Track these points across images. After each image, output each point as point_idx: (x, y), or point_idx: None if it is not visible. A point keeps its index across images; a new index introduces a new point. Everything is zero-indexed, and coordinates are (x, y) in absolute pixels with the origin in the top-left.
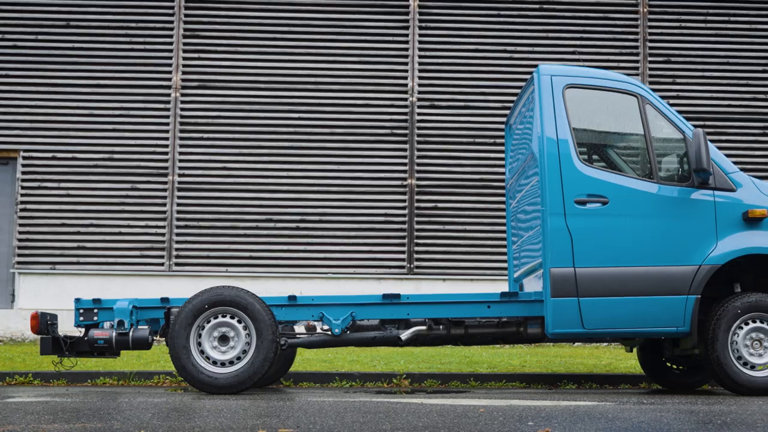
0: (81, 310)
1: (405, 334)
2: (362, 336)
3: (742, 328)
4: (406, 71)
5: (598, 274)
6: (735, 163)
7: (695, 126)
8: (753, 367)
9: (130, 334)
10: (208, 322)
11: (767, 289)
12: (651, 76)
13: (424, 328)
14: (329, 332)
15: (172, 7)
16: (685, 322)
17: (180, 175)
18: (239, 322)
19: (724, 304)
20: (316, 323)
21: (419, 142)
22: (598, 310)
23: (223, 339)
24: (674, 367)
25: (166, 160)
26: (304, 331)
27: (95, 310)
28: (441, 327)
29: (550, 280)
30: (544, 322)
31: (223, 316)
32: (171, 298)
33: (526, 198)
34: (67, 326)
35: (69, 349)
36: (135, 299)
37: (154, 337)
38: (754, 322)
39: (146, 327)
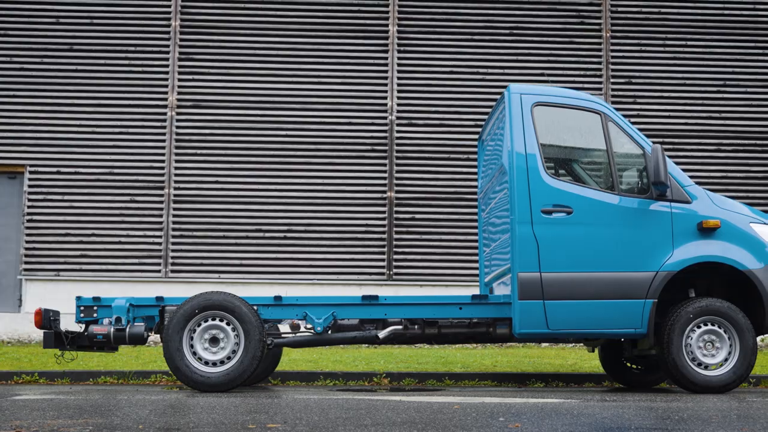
0: (82, 308)
1: (382, 333)
2: (343, 335)
3: (695, 331)
4: (386, 92)
5: (562, 278)
6: (691, 177)
7: (654, 142)
8: (706, 367)
9: (127, 330)
10: (199, 325)
11: (720, 293)
12: (613, 96)
13: (400, 327)
14: (312, 331)
15: (168, 32)
16: (642, 324)
17: (175, 188)
18: (228, 324)
19: (677, 309)
20: (300, 322)
21: (398, 158)
22: (562, 312)
23: (214, 340)
24: (633, 366)
25: (162, 175)
26: (289, 331)
27: (95, 308)
28: (416, 327)
29: (517, 283)
30: (511, 323)
31: (213, 320)
32: (165, 297)
33: (496, 208)
34: (70, 328)
35: (70, 343)
36: (132, 298)
37: (149, 333)
38: (706, 325)
39: (142, 324)
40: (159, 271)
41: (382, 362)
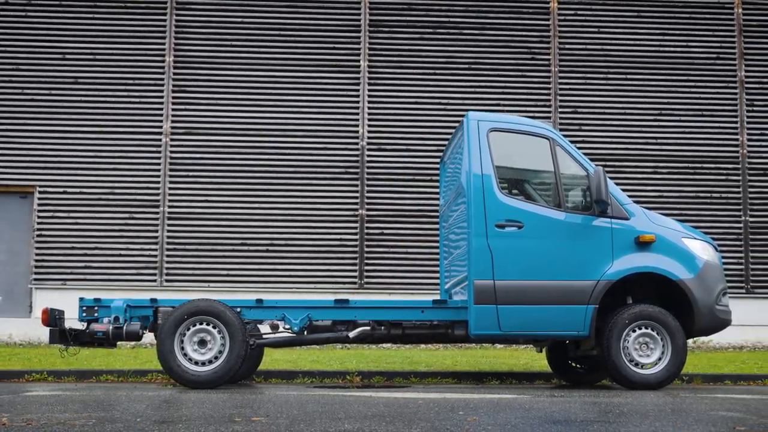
0: (84, 308)
1: (353, 333)
2: (318, 336)
3: (630, 334)
4: (358, 120)
5: (514, 285)
6: (629, 196)
7: (597, 165)
8: (642, 366)
9: (124, 327)
10: (188, 329)
11: (655, 300)
12: (561, 123)
13: (368, 328)
14: (290, 331)
15: (163, 67)
16: (585, 327)
17: (169, 206)
18: (214, 327)
19: (615, 314)
20: (279, 322)
21: (368, 179)
22: (513, 316)
23: (202, 343)
24: (577, 366)
25: (158, 194)
26: (270, 331)
27: (96, 308)
28: (383, 328)
29: (473, 289)
30: (468, 325)
31: (200, 324)
32: (159, 299)
33: (455, 222)
34: (73, 326)
35: (73, 339)
36: (129, 299)
37: (144, 331)
38: (641, 328)
39: (138, 322)
40: (155, 281)
41: (354, 362)
